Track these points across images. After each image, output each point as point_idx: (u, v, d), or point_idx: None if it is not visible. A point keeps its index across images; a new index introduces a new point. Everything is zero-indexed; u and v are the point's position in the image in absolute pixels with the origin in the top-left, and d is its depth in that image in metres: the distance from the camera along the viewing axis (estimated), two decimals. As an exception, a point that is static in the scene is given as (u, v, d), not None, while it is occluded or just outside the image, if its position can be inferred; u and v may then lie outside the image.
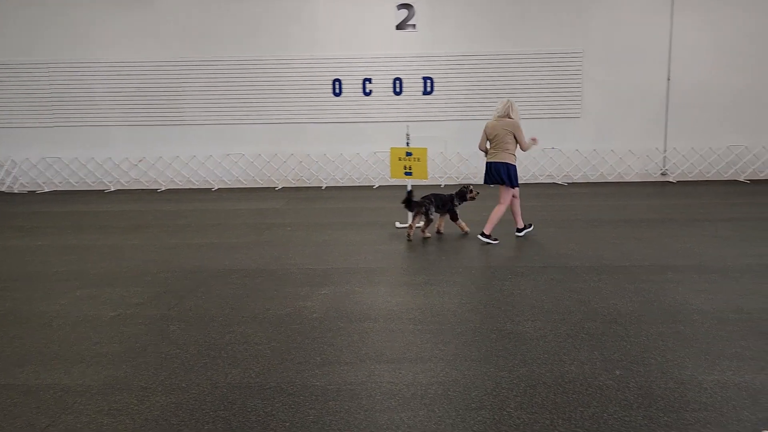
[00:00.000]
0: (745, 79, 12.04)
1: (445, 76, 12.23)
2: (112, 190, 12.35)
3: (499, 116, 6.93)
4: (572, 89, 12.20)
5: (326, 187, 12.39)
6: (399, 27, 12.09)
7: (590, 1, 11.95)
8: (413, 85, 12.28)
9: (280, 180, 12.63)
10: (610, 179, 12.41)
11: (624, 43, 12.06)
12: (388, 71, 12.24)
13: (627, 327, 4.21)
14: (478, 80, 12.23)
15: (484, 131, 7.06)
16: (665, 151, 12.40)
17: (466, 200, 7.49)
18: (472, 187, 7.54)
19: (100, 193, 11.92)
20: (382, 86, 12.28)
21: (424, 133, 12.12)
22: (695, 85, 12.11)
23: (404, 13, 12.04)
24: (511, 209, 7.23)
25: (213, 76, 12.37)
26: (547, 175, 12.50)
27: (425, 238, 7.26)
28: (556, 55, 12.08)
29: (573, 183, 12.25)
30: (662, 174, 12.49)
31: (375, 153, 12.38)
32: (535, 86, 12.19)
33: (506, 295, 5.03)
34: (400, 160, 7.74)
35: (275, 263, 6.24)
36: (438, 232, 7.54)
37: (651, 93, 12.23)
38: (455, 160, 12.49)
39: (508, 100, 6.97)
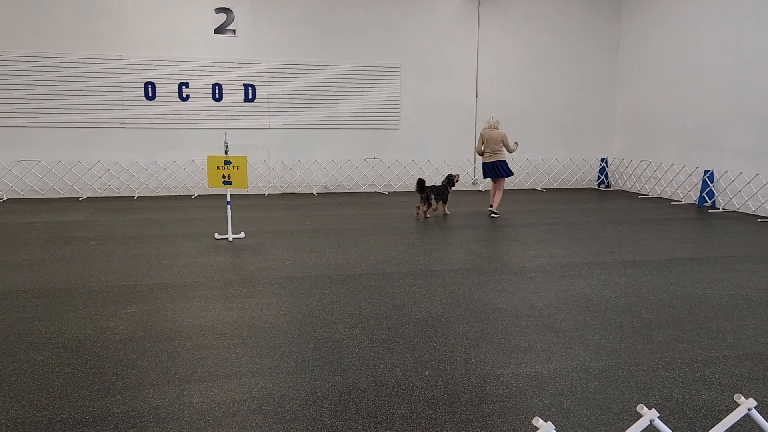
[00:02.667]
0: (535, 98, 13.48)
1: (267, 83, 12.08)
2: None
3: (491, 126, 9.55)
4: (391, 102, 12.73)
5: (138, 196, 11.57)
6: (218, 31, 11.71)
7: (405, 20, 12.58)
8: (234, 92, 11.96)
9: (84, 189, 11.55)
10: (426, 188, 13.12)
11: (437, 61, 12.87)
12: (207, 76, 11.79)
13: (437, 328, 4.43)
14: (302, 89, 12.26)
15: (481, 137, 9.62)
16: (475, 162, 13.41)
17: (454, 185, 9.74)
18: (455, 174, 9.90)
19: None
20: (200, 91, 11.80)
21: (246, 141, 11.88)
22: (497, 102, 13.29)
23: (223, 17, 11.69)
24: (493, 192, 9.76)
25: None
26: (370, 184, 12.89)
27: (426, 218, 9.34)
28: (376, 69, 12.53)
29: (394, 192, 12.76)
30: (473, 183, 13.49)
31: (193, 161, 11.85)
32: (357, 98, 12.52)
33: (325, 303, 5.04)
34: (218, 168, 7.46)
35: (75, 281, 5.65)
36: (445, 214, 9.67)
37: (462, 107, 13.19)
38: (279, 169, 12.38)
39: (496, 115, 9.65)
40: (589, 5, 13.38)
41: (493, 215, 9.60)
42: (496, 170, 9.55)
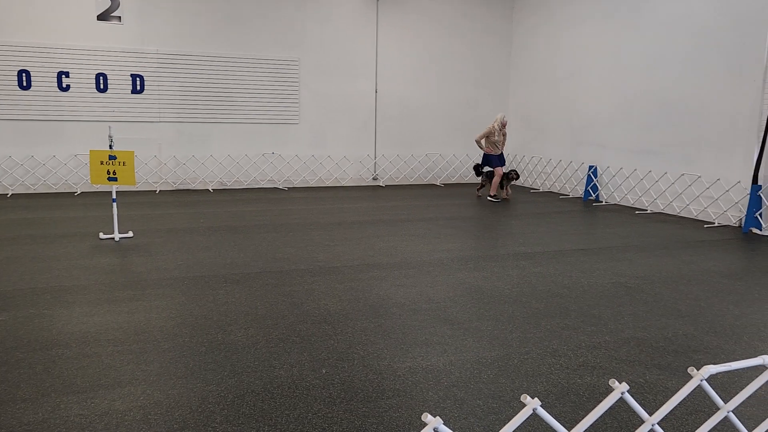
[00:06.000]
0: (434, 95, 13.76)
1: (157, 74, 11.50)
2: None
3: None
4: (291, 96, 12.52)
5: (12, 194, 10.68)
6: (101, 17, 10.98)
7: (303, 13, 12.40)
8: (120, 83, 11.28)
9: (-51, 187, 10.50)
10: (328, 184, 13.06)
11: (337, 55, 12.80)
12: (90, 65, 11.04)
13: (335, 325, 4.39)
14: (195, 81, 11.77)
15: None
16: (375, 157, 13.49)
17: (511, 180, 11.48)
18: (515, 171, 11.56)
19: None
20: (82, 81, 11.03)
21: (134, 134, 11.27)
22: (397, 98, 13.43)
23: (107, 2, 10.97)
24: (493, 180, 11.37)
25: None
26: (269, 180, 12.62)
27: (479, 197, 11.65)
28: (274, 62, 12.26)
29: (293, 187, 12.58)
30: (374, 179, 13.57)
31: (76, 155, 11.08)
32: (255, 91, 12.21)
33: (219, 304, 4.86)
34: (102, 164, 6.99)
35: (-66, 288, 5.09)
36: (505, 198, 11.53)
37: (362, 103, 13.20)
38: (171, 165, 11.84)
39: (502, 115, 11.51)
40: (483, 4, 13.81)
41: (494, 200, 11.39)
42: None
